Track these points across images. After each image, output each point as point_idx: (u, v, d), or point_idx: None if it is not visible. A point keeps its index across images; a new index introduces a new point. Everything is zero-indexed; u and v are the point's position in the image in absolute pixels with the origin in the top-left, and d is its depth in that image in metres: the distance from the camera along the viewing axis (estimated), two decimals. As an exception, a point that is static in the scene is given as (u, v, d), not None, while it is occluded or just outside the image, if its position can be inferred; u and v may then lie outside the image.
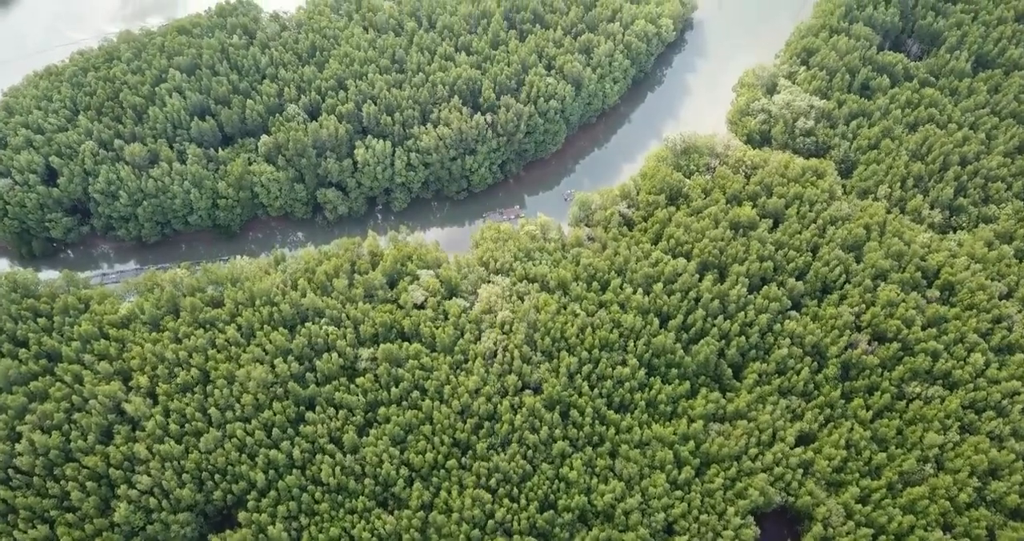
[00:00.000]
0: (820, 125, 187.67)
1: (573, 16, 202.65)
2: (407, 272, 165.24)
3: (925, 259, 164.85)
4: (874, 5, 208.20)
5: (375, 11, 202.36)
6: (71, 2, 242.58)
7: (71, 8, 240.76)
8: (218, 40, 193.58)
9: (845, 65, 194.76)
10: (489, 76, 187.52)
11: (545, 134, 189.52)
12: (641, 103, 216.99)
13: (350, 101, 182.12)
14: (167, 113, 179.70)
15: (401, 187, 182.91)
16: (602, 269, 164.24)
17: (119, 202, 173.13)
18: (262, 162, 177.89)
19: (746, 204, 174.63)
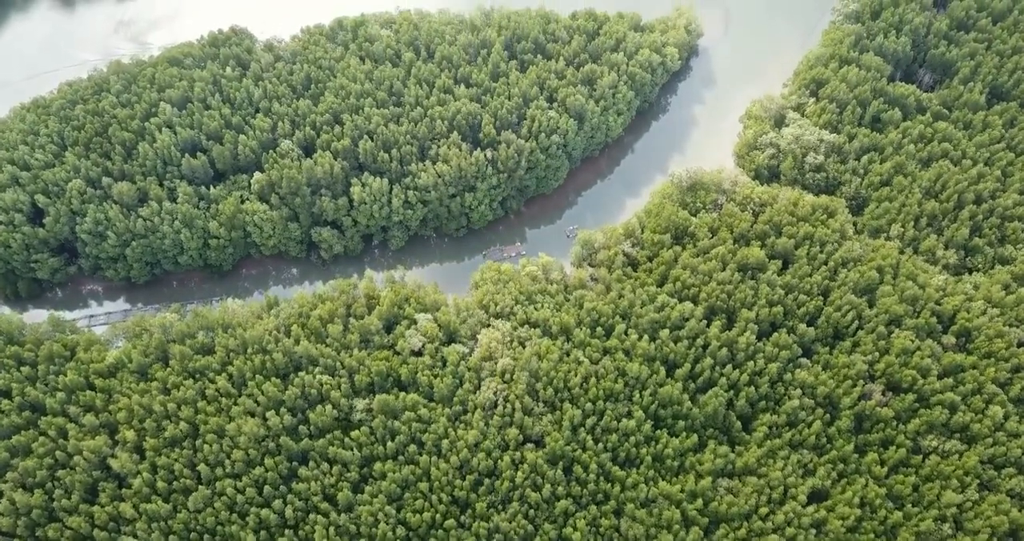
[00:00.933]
0: (830, 160, 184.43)
1: (575, 45, 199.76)
2: (404, 316, 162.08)
3: (940, 303, 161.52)
4: (884, 34, 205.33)
5: (372, 40, 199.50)
6: (66, 24, 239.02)
7: (64, 30, 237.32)
8: (210, 72, 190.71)
9: (856, 97, 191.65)
10: (489, 110, 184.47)
11: (547, 170, 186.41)
12: (645, 132, 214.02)
13: (346, 137, 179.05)
14: (157, 149, 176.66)
15: (399, 225, 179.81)
16: (606, 313, 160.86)
17: (107, 243, 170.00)
18: (255, 200, 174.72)
19: (754, 244, 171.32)
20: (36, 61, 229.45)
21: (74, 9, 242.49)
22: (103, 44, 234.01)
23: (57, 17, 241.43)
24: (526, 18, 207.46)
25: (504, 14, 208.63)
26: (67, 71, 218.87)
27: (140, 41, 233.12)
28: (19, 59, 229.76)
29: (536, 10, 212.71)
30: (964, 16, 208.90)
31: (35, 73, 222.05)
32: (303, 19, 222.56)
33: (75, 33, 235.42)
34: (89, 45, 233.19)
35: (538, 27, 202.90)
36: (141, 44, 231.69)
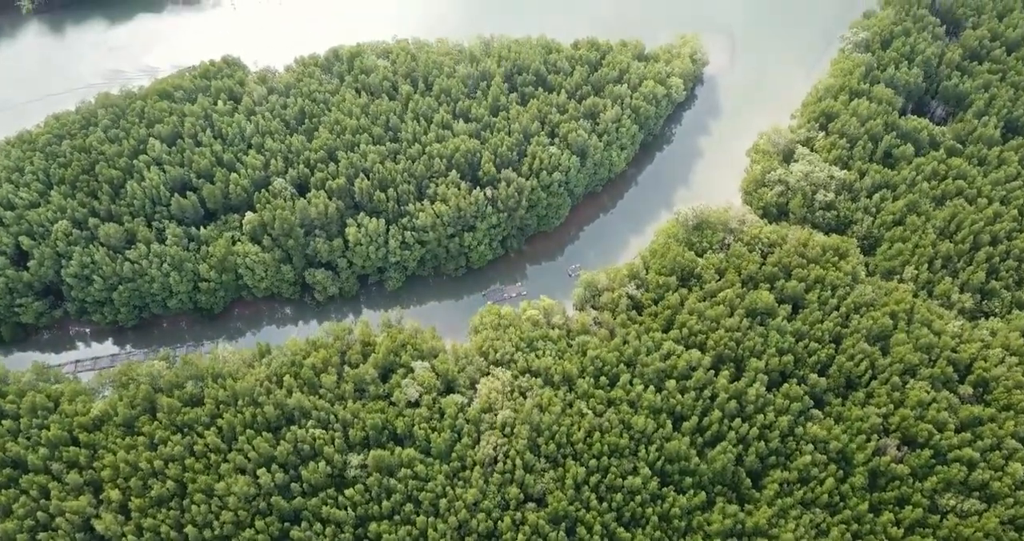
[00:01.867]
0: (841, 198, 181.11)
1: (578, 77, 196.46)
2: (401, 364, 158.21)
3: (956, 351, 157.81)
4: (896, 65, 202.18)
5: (368, 72, 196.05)
6: (56, 49, 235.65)
7: (54, 55, 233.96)
8: (201, 106, 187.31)
9: (867, 132, 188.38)
10: (489, 147, 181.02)
11: (548, 208, 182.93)
12: (649, 164, 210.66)
13: (341, 175, 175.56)
14: (145, 188, 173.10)
15: (395, 266, 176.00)
16: (610, 362, 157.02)
17: (93, 287, 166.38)
18: (246, 242, 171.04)
19: (763, 287, 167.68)
20: (26, 87, 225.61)
21: (63, 35, 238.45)
22: (94, 70, 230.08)
23: (49, 42, 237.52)
24: (527, 47, 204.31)
25: (504, 43, 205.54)
26: (58, 98, 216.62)
27: (132, 67, 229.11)
28: (9, 85, 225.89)
29: (537, 38, 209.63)
30: (977, 46, 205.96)
31: (26, 100, 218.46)
32: (299, 45, 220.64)
33: (65, 58, 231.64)
34: (79, 72, 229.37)
35: (539, 58, 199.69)
36: (133, 70, 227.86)
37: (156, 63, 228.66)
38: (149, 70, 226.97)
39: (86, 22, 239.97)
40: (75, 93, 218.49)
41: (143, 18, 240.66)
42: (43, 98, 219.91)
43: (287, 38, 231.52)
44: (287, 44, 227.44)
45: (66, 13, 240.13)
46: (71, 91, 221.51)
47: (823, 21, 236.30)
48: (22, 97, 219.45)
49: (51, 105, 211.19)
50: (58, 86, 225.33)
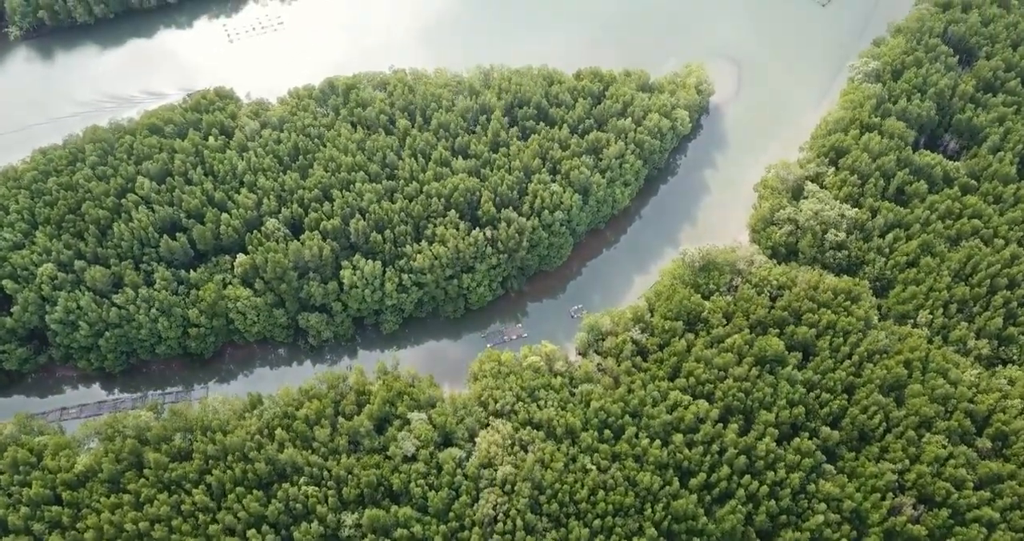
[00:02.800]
0: (852, 237, 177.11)
1: (580, 110, 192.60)
2: (397, 415, 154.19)
3: (974, 402, 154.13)
4: (908, 97, 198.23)
5: (364, 105, 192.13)
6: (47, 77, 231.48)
7: (44, 83, 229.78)
8: (191, 142, 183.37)
9: (878, 168, 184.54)
10: (489, 186, 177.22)
11: (550, 248, 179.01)
12: (653, 197, 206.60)
13: (336, 216, 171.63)
14: (133, 229, 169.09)
15: (392, 309, 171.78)
16: (615, 413, 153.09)
17: (79, 333, 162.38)
18: (238, 285, 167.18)
19: (772, 332, 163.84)
20: (14, 116, 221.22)
21: (53, 61, 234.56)
22: (84, 98, 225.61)
23: (38, 69, 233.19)
24: (527, 78, 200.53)
25: (504, 74, 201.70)
26: (45, 129, 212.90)
27: (124, 95, 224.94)
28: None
29: (538, 69, 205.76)
30: (991, 77, 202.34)
31: (13, 129, 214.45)
32: (294, 74, 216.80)
33: (54, 86, 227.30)
34: (69, 100, 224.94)
35: (540, 90, 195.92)
36: (125, 98, 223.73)
37: (148, 90, 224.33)
38: (140, 98, 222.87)
39: (76, 48, 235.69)
40: (63, 122, 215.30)
41: (134, 44, 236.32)
42: (31, 128, 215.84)
43: (282, 65, 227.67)
44: (282, 71, 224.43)
45: (55, 39, 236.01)
46: (60, 120, 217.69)
47: (832, 48, 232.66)
48: (9, 126, 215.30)
49: (39, 135, 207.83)
50: (47, 114, 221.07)
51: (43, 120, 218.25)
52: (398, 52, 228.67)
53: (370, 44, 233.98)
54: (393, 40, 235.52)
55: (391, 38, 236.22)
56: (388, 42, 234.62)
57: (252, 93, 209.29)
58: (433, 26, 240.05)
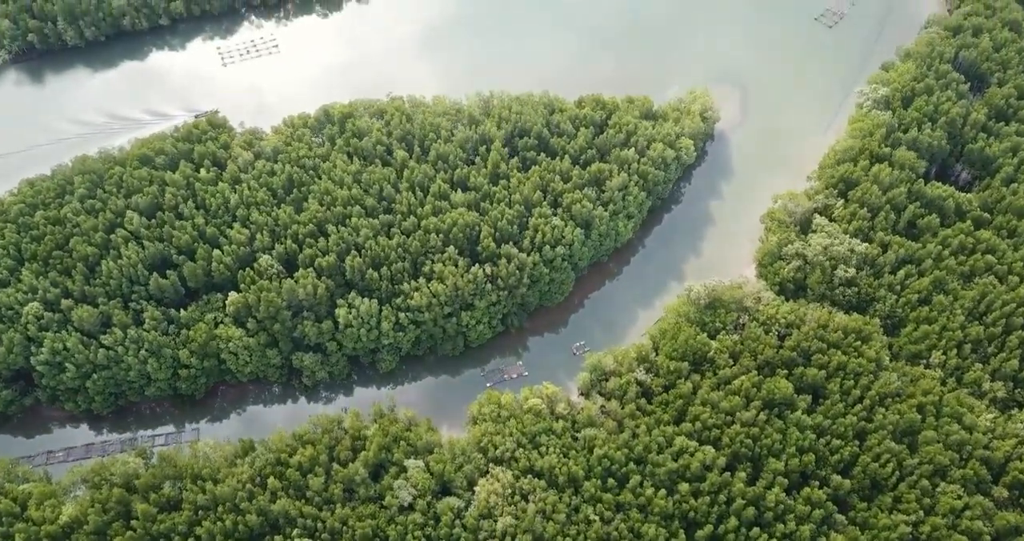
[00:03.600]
0: (863, 273, 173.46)
1: (582, 140, 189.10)
2: (393, 461, 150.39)
3: (989, 448, 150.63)
4: (918, 125, 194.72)
5: (361, 135, 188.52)
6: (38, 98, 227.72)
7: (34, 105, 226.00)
8: (183, 174, 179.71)
9: (889, 200, 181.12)
10: (488, 220, 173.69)
11: (551, 284, 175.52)
12: (657, 226, 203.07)
13: (331, 252, 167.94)
14: (122, 267, 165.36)
15: (389, 348, 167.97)
16: (619, 460, 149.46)
17: (66, 374, 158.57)
18: (230, 324, 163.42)
19: (780, 373, 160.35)
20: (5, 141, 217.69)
21: (43, 85, 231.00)
22: (75, 123, 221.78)
23: (28, 93, 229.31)
24: (528, 106, 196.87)
25: (504, 102, 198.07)
26: (33, 155, 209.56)
27: (115, 119, 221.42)
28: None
29: (539, 96, 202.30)
30: (1004, 105, 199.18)
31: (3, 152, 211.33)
32: (289, 99, 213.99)
33: (43, 111, 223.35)
34: (59, 124, 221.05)
35: (541, 119, 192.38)
36: (117, 122, 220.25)
37: (139, 116, 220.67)
38: (133, 122, 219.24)
39: (67, 71, 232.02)
40: (53, 148, 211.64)
41: (126, 67, 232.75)
42: (19, 153, 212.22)
43: (277, 89, 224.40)
44: (277, 95, 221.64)
45: (45, 62, 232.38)
46: (49, 145, 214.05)
47: (839, 72, 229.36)
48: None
49: (28, 161, 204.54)
50: (36, 140, 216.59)
51: (31, 146, 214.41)
52: (395, 75, 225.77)
53: (367, 67, 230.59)
54: (391, 63, 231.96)
55: (389, 61, 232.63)
56: (386, 65, 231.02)
57: (246, 118, 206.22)
58: (432, 48, 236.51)
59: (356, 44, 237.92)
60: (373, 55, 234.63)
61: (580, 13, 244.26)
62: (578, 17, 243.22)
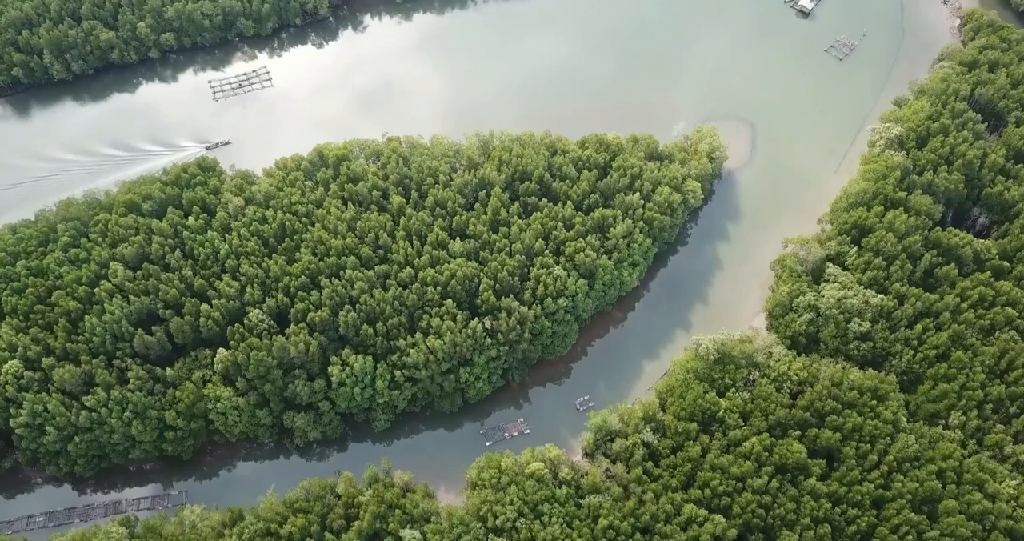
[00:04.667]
0: (878, 326, 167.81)
1: (585, 185, 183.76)
2: (388, 531, 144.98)
3: (1014, 517, 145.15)
4: (934, 168, 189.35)
5: (356, 180, 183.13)
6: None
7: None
8: (170, 222, 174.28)
9: (905, 250, 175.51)
10: (488, 271, 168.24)
11: (553, 337, 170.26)
12: (663, 268, 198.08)
13: (324, 306, 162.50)
14: (106, 323, 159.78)
15: (384, 406, 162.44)
16: (624, 531, 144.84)
17: (47, 438, 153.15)
18: (218, 383, 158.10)
19: (792, 435, 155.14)
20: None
21: (29, 119, 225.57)
22: (59, 159, 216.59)
23: (13, 127, 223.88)
24: (530, 148, 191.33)
25: (504, 144, 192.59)
26: (16, 192, 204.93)
27: (103, 156, 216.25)
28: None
29: (540, 136, 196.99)
30: (1022, 145, 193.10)
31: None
32: (282, 139, 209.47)
33: (29, 146, 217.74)
34: (44, 161, 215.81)
35: (543, 162, 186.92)
36: (104, 160, 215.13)
37: (127, 152, 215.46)
38: (120, 159, 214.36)
39: (54, 106, 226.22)
40: (37, 185, 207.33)
41: (115, 102, 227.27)
42: (1, 191, 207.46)
43: (269, 125, 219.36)
44: (269, 132, 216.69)
45: (31, 96, 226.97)
46: (33, 182, 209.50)
47: (850, 107, 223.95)
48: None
49: (12, 199, 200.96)
50: (22, 176, 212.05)
51: (15, 182, 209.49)
52: (392, 110, 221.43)
53: (363, 101, 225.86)
54: (387, 97, 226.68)
55: (386, 95, 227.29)
56: (382, 100, 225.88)
57: (237, 156, 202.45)
58: (431, 82, 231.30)
59: (351, 76, 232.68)
60: (369, 88, 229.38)
61: (584, 48, 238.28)
62: (582, 52, 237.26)
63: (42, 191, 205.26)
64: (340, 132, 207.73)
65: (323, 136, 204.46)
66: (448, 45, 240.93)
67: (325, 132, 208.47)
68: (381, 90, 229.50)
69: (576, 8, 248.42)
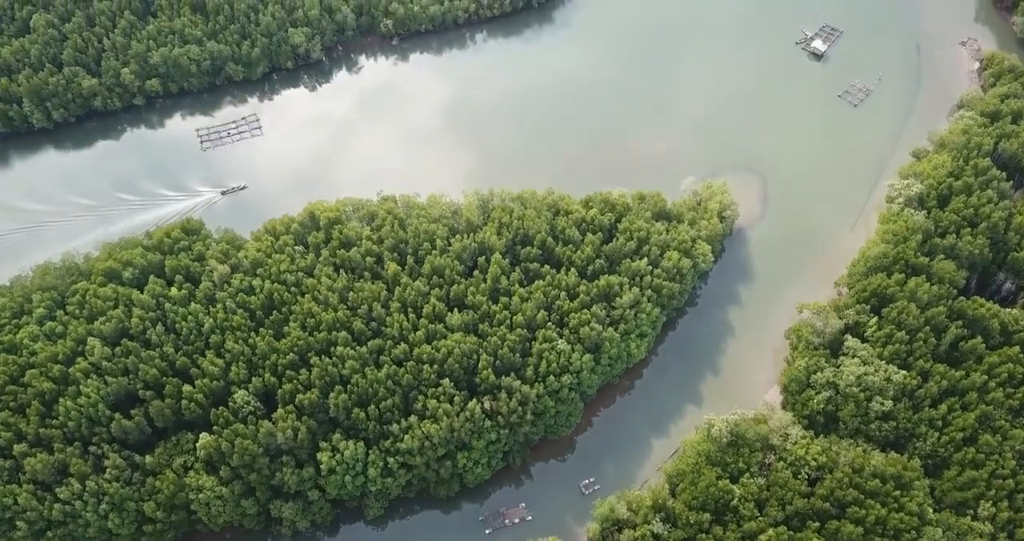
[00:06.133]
0: (901, 405, 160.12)
1: (589, 250, 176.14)
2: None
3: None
4: (957, 231, 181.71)
5: (349, 245, 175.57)
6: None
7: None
8: (152, 293, 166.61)
9: (928, 321, 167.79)
10: (488, 347, 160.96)
11: (557, 416, 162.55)
12: (672, 331, 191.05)
13: (314, 387, 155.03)
14: (82, 406, 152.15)
15: (376, 493, 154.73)
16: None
17: (17, 533, 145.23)
18: (200, 471, 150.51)
19: (811, 526, 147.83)
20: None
21: (9, 169, 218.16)
22: (39, 211, 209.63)
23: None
24: (531, 208, 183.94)
25: (504, 204, 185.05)
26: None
27: (83, 209, 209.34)
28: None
29: (543, 194, 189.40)
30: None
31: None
32: (270, 184, 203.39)
33: (7, 199, 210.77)
34: (22, 214, 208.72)
35: (545, 225, 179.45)
36: (85, 212, 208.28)
37: (109, 206, 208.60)
38: (103, 211, 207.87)
39: (35, 154, 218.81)
40: (11, 238, 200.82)
41: (98, 150, 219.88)
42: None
43: (259, 181, 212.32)
44: (259, 188, 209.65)
45: (10, 145, 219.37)
46: (8, 235, 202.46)
47: (866, 156, 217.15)
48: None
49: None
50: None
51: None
52: (388, 162, 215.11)
53: (357, 153, 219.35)
54: (383, 148, 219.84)
55: (381, 146, 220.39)
56: (377, 151, 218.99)
57: (224, 214, 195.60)
58: (427, 130, 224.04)
59: (345, 123, 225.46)
60: (364, 138, 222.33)
61: (588, 94, 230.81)
62: (586, 98, 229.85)
63: (17, 246, 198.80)
64: (332, 184, 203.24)
65: (314, 191, 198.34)
66: (446, 89, 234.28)
67: (316, 187, 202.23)
68: (376, 136, 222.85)
69: (579, 52, 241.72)
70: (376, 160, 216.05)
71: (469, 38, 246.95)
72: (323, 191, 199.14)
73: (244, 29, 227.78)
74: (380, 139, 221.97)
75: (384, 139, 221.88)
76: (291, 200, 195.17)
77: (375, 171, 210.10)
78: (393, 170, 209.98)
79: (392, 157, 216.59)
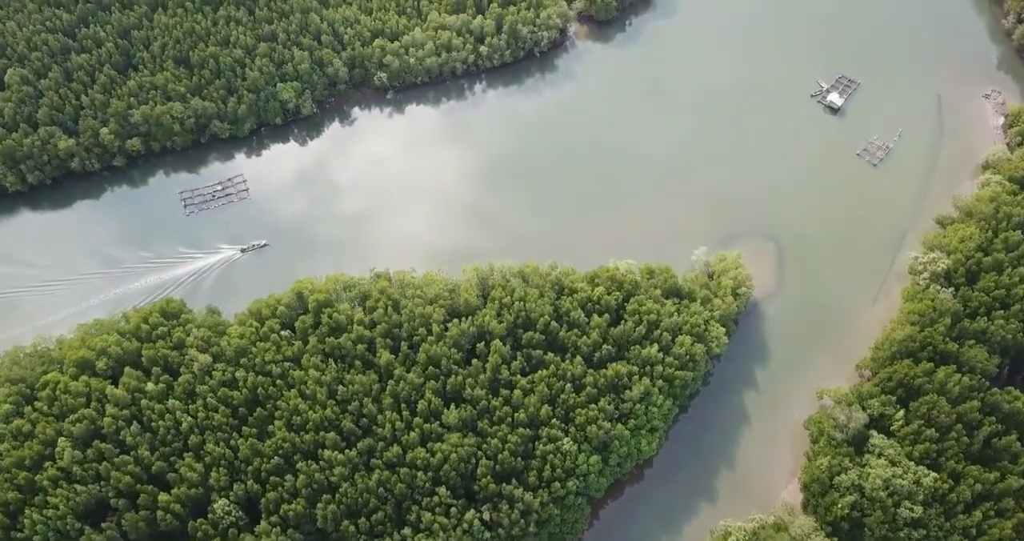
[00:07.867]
0: (932, 511, 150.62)
1: (596, 335, 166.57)
2: None
3: None
4: (988, 312, 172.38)
5: (339, 331, 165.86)
6: None
7: None
8: (126, 386, 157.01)
9: (960, 418, 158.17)
10: (487, 449, 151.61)
11: (562, 525, 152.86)
12: (684, 415, 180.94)
13: (300, 497, 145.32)
14: (49, 519, 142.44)
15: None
16: None
17: None
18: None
19: None
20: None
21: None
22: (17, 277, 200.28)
23: None
24: (533, 285, 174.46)
25: (504, 282, 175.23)
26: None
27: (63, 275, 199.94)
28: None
29: (545, 270, 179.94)
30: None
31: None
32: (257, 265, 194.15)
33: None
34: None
35: (549, 306, 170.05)
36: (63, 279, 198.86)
37: (91, 267, 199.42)
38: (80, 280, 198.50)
39: (5, 220, 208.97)
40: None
41: (74, 214, 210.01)
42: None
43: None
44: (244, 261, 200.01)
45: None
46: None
47: (888, 222, 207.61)
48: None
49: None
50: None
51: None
52: (381, 230, 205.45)
53: (349, 220, 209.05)
54: (375, 213, 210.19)
55: (373, 211, 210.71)
56: (370, 215, 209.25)
57: (207, 292, 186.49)
58: (423, 191, 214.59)
59: (336, 188, 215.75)
60: (356, 201, 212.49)
61: (592, 156, 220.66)
62: (590, 160, 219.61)
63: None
64: (323, 263, 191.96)
65: (303, 265, 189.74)
66: (443, 146, 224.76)
67: (305, 262, 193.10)
68: (368, 199, 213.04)
69: (583, 107, 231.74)
70: (369, 223, 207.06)
71: (468, 89, 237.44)
72: (310, 258, 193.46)
73: (230, 84, 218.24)
74: (372, 200, 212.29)
75: (377, 200, 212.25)
76: (278, 275, 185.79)
77: (367, 236, 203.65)
78: (384, 241, 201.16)
79: (386, 220, 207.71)
